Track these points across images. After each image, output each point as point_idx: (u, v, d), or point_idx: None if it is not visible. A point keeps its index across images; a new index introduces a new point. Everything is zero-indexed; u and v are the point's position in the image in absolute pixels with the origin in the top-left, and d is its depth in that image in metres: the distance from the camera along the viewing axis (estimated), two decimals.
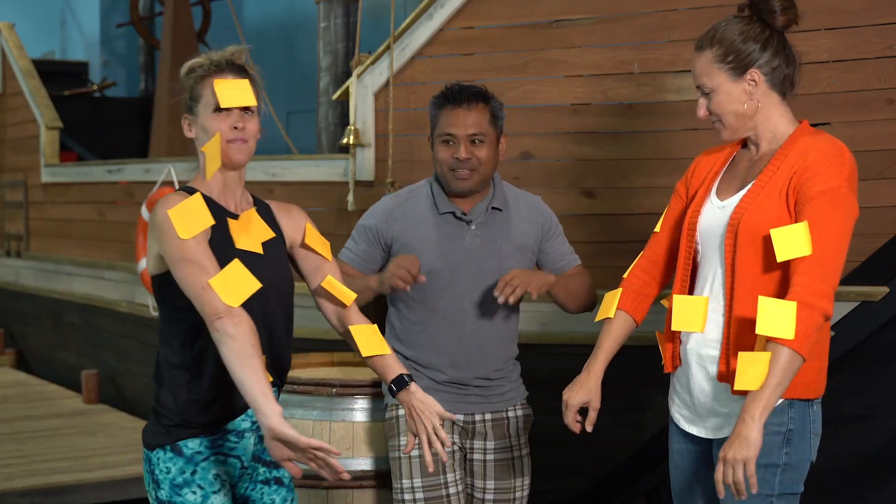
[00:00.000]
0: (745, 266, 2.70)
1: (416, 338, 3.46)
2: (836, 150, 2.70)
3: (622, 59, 4.52)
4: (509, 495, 3.49)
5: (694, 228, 2.86)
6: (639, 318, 2.99)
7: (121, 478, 5.54)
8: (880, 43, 4.02)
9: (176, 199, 2.69)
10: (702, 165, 2.97)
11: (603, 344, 2.95)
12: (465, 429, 3.47)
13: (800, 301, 2.53)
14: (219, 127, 2.72)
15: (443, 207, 3.43)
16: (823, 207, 2.62)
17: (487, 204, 3.45)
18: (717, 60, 2.77)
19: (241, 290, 2.58)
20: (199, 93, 2.74)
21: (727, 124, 2.81)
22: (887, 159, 4.02)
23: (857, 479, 4.30)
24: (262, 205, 2.90)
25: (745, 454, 2.47)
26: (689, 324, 2.80)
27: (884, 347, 4.19)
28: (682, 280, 2.89)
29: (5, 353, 9.16)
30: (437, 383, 3.43)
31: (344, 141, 5.18)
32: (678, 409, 2.92)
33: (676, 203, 2.99)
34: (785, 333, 2.51)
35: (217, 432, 2.75)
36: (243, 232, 2.76)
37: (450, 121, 3.38)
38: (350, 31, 6.42)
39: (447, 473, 3.39)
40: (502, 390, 3.50)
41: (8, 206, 8.96)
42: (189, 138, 2.86)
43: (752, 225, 2.69)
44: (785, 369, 2.51)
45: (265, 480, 2.85)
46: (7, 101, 9.06)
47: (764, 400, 2.50)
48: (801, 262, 2.58)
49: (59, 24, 13.36)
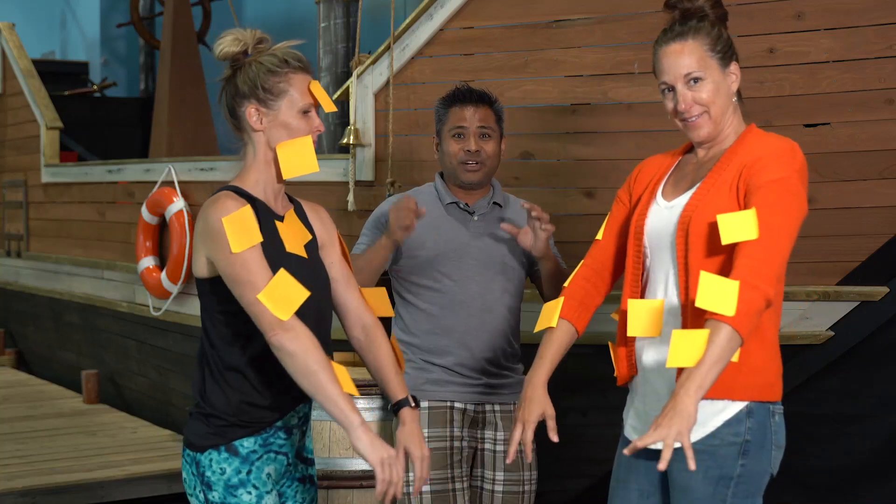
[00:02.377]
0: (698, 263, 2.60)
1: (424, 325, 3.56)
2: (788, 146, 2.64)
3: (622, 59, 4.52)
4: (518, 487, 3.55)
5: (641, 231, 2.76)
6: (580, 327, 2.85)
7: (121, 478, 5.55)
8: (880, 43, 4.02)
9: (230, 204, 2.63)
10: (645, 171, 2.89)
11: (546, 354, 2.81)
12: (475, 419, 3.55)
13: (743, 281, 2.42)
14: (306, 129, 2.71)
15: (447, 199, 3.62)
16: (772, 195, 2.54)
17: (489, 199, 3.64)
18: (709, 49, 2.69)
19: (291, 302, 2.55)
20: (282, 88, 2.70)
21: (714, 116, 2.70)
22: (887, 159, 4.02)
23: (858, 479, 4.30)
24: (297, 205, 2.87)
25: (679, 427, 2.32)
26: (645, 329, 2.68)
27: (884, 347, 4.19)
28: (632, 285, 2.77)
29: (5, 353, 9.17)
30: (448, 371, 3.51)
31: (344, 141, 5.18)
32: (631, 422, 2.81)
33: (619, 209, 2.90)
34: (726, 310, 2.40)
35: (270, 429, 2.71)
36: (290, 235, 2.73)
37: (460, 115, 3.59)
38: (350, 31, 6.42)
39: (454, 468, 3.48)
40: (510, 381, 3.59)
41: (8, 206, 8.97)
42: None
43: (702, 220, 2.60)
44: (724, 346, 2.38)
45: (301, 478, 2.84)
46: (7, 101, 9.06)
47: (700, 376, 2.36)
48: (746, 245, 2.48)
49: (59, 24, 13.36)
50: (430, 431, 3.46)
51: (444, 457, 3.47)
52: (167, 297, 6.62)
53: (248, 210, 2.62)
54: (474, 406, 3.54)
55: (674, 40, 2.73)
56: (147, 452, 6.05)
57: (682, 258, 2.64)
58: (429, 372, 3.52)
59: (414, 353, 3.55)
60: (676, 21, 2.76)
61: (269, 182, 2.75)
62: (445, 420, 3.49)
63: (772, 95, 4.19)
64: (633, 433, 2.80)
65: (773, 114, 4.17)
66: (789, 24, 4.16)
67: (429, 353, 3.54)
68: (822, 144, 4.09)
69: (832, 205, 4.07)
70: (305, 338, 2.52)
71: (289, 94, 2.70)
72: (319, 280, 2.77)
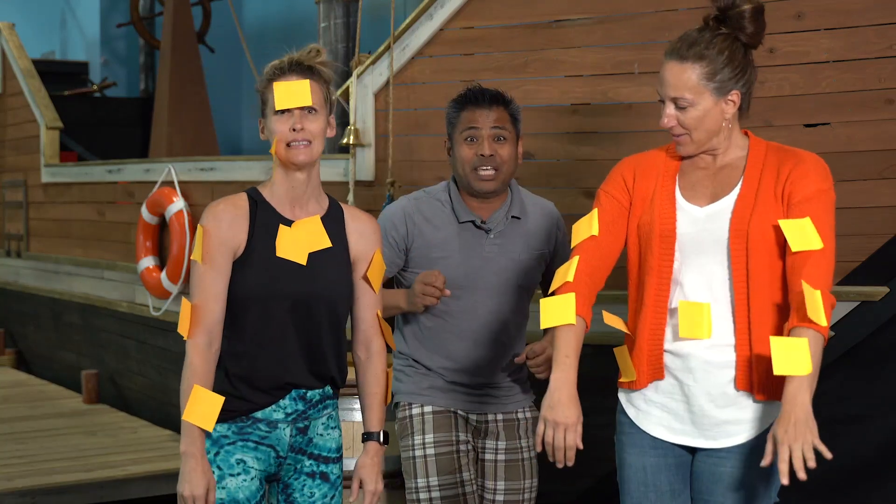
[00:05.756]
0: (760, 267, 2.68)
1: (428, 342, 3.45)
2: (816, 157, 2.73)
3: (622, 59, 4.52)
4: (518, 496, 3.50)
5: (671, 236, 2.76)
6: (589, 322, 2.77)
7: (121, 478, 5.56)
8: (880, 43, 4.02)
9: (218, 208, 2.80)
10: (643, 171, 2.86)
11: (571, 353, 2.69)
12: (477, 428, 3.49)
13: (822, 290, 2.55)
14: (279, 129, 2.77)
15: (463, 216, 3.42)
16: (822, 205, 2.66)
17: (506, 211, 3.44)
18: (705, 78, 2.68)
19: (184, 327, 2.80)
20: (266, 96, 2.81)
21: (695, 140, 2.74)
22: (887, 159, 4.02)
23: (858, 479, 4.30)
24: (335, 210, 2.93)
25: (809, 435, 2.45)
26: (694, 331, 2.71)
27: (884, 347, 4.19)
28: (656, 287, 2.77)
29: (5, 353, 9.17)
30: (448, 383, 3.44)
31: (344, 141, 5.18)
32: (659, 421, 2.81)
33: (613, 207, 2.86)
34: (820, 320, 2.53)
35: (247, 420, 2.82)
36: (291, 240, 2.81)
37: (473, 117, 3.38)
38: (350, 31, 6.43)
39: (463, 472, 3.40)
40: (513, 392, 3.52)
41: (8, 206, 8.97)
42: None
43: (759, 227, 2.68)
44: (820, 355, 2.54)
45: (311, 473, 2.92)
46: (7, 101, 9.07)
47: (812, 386, 2.50)
48: (812, 255, 2.60)
49: (59, 24, 13.35)
50: (435, 436, 3.40)
51: (452, 461, 3.39)
52: (167, 297, 6.62)
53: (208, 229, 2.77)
54: (476, 416, 3.47)
55: (675, 58, 2.72)
56: (147, 452, 6.05)
57: (743, 263, 2.69)
58: (432, 378, 3.44)
59: (416, 363, 3.47)
60: (704, 27, 2.73)
61: (281, 186, 2.84)
62: (450, 425, 3.42)
63: (772, 95, 4.19)
64: (668, 433, 2.81)
65: (773, 114, 4.18)
66: (789, 24, 4.16)
67: (429, 368, 3.45)
68: (822, 144, 4.08)
69: None
70: (190, 364, 2.76)
71: (269, 100, 2.80)
72: (322, 287, 2.84)
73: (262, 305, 2.79)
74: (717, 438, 2.75)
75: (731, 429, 2.73)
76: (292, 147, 2.77)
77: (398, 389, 3.50)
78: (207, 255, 2.77)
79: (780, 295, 2.68)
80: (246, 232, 2.79)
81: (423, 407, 3.43)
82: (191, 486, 2.71)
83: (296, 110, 2.76)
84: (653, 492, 2.83)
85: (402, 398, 3.50)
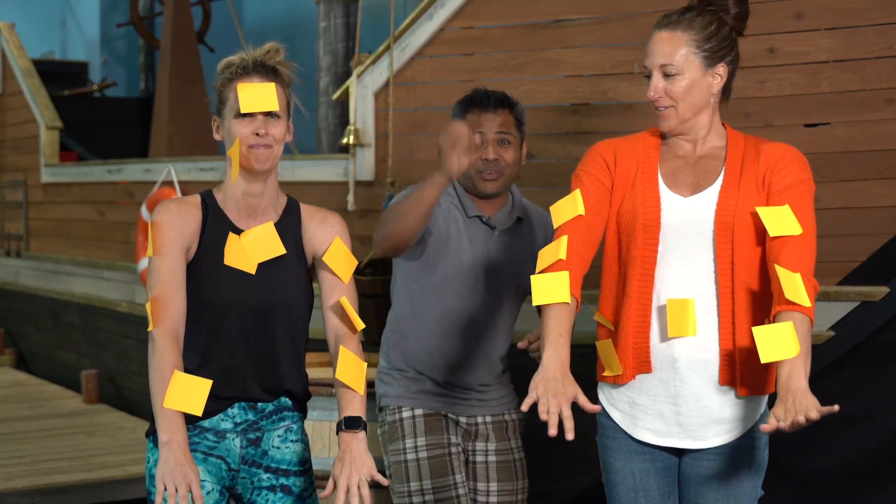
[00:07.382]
0: (744, 257, 2.64)
1: (421, 342, 3.43)
2: (795, 150, 2.72)
3: (622, 59, 4.52)
4: (512, 497, 3.49)
5: (656, 224, 2.69)
6: (579, 302, 2.67)
7: (121, 478, 5.55)
8: (880, 43, 4.02)
9: (170, 206, 2.74)
10: (624, 157, 2.77)
11: (563, 332, 2.58)
12: (468, 431, 3.47)
13: (802, 274, 2.52)
14: (241, 132, 2.66)
15: (470, 211, 3.42)
16: (802, 195, 2.64)
17: (509, 211, 3.46)
18: (694, 45, 2.66)
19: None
20: (225, 95, 2.69)
21: (680, 113, 2.69)
22: (887, 159, 4.03)
23: (858, 479, 4.29)
24: (292, 214, 2.80)
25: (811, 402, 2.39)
26: (682, 328, 2.65)
27: (884, 347, 4.18)
28: (641, 280, 2.70)
29: (5, 353, 9.17)
30: (439, 386, 3.43)
31: (344, 141, 5.19)
32: (645, 425, 2.76)
33: (597, 188, 2.76)
34: (803, 301, 2.49)
35: (193, 429, 2.70)
36: (240, 248, 2.70)
37: (478, 121, 3.36)
38: (350, 31, 6.43)
39: (455, 475, 3.38)
40: (500, 394, 3.51)
41: (8, 206, 8.97)
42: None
43: (744, 216, 2.64)
44: (809, 335, 2.50)
45: (270, 487, 2.78)
46: (7, 101, 9.07)
47: (806, 365, 2.45)
48: (791, 240, 2.57)
49: (59, 24, 13.36)
50: (427, 439, 3.38)
51: (444, 464, 3.36)
52: None
53: (162, 223, 2.70)
54: (466, 418, 3.45)
55: (665, 27, 2.71)
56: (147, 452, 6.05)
57: (728, 255, 2.65)
58: (421, 383, 3.42)
59: (406, 363, 3.45)
60: (690, 6, 2.74)
61: (234, 190, 2.74)
62: (442, 428, 3.40)
63: (772, 95, 4.19)
64: (655, 437, 2.75)
65: (773, 114, 4.18)
66: (789, 24, 4.16)
67: (419, 370, 3.43)
68: (822, 144, 4.09)
69: (832, 205, 4.07)
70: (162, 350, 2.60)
71: (229, 100, 2.69)
72: (275, 295, 2.71)
73: (210, 314, 2.68)
74: (704, 438, 2.72)
75: (718, 428, 2.71)
76: (254, 151, 2.66)
77: (385, 393, 3.47)
78: (163, 246, 2.65)
79: (763, 288, 2.65)
80: (198, 235, 2.69)
81: (413, 410, 3.41)
82: (180, 478, 2.49)
83: (259, 115, 2.65)
84: (643, 497, 2.79)
85: (391, 402, 3.46)
